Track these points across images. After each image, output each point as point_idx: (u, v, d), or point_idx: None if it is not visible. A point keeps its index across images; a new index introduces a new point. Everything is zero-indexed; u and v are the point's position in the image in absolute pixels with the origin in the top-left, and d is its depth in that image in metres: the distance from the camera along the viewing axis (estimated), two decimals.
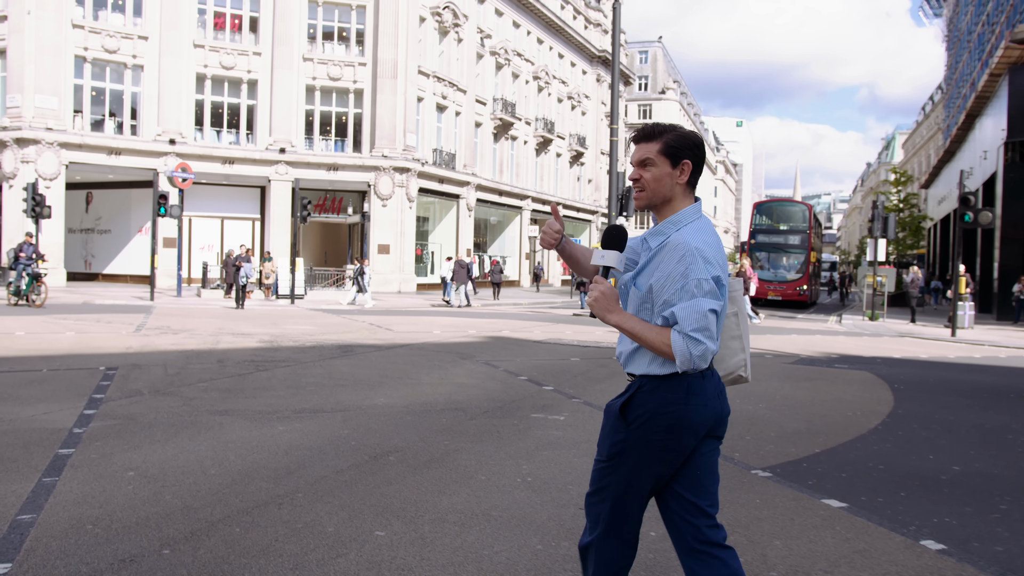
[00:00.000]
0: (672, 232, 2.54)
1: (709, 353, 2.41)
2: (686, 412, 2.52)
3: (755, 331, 18.08)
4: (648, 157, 2.58)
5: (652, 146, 2.59)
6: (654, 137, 2.60)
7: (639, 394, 2.55)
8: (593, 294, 2.52)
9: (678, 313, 2.39)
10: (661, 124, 2.67)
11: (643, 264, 2.58)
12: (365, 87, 35.90)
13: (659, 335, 2.44)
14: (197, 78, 33.35)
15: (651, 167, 2.58)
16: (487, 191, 44.07)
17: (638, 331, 2.48)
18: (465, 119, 42.08)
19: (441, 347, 11.63)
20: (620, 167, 34.01)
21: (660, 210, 2.63)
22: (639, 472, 2.57)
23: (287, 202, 34.39)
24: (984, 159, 32.33)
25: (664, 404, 2.52)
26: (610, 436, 2.60)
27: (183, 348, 10.51)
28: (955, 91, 55.39)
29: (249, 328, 14.06)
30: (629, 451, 2.55)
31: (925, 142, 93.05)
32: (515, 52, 47.38)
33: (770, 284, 31.13)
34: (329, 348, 11.01)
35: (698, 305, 2.38)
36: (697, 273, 2.41)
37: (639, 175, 2.60)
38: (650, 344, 2.45)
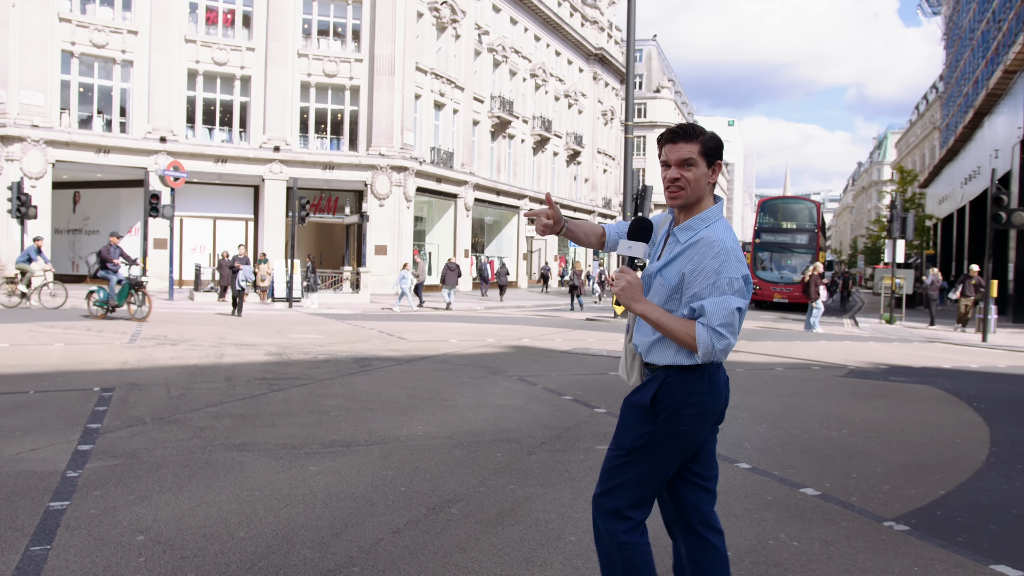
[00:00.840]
0: (702, 228, 2.62)
1: (730, 348, 2.52)
2: (709, 401, 2.63)
3: (784, 337, 17.25)
4: (691, 157, 2.63)
5: (693, 147, 2.64)
6: (694, 138, 2.65)
7: (665, 385, 2.61)
8: (620, 283, 2.61)
9: (708, 307, 2.48)
10: (696, 126, 2.71)
11: (672, 257, 2.63)
12: (361, 84, 34.95)
13: (684, 326, 2.52)
14: (188, 74, 32.31)
15: (692, 167, 2.64)
16: (485, 190, 43.18)
17: (664, 321, 2.55)
18: (463, 117, 41.17)
19: (465, 360, 10.72)
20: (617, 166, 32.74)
21: (689, 208, 2.69)
22: (664, 462, 2.63)
23: (282, 202, 33.46)
24: (995, 157, 31.63)
25: (691, 394, 2.60)
26: (634, 429, 2.65)
27: (184, 363, 9.56)
28: (955, 89, 54.85)
29: (252, 337, 13.12)
30: (656, 442, 2.61)
31: (920, 141, 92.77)
32: (512, 49, 46.51)
33: (776, 286, 30.30)
34: (344, 362, 10.08)
35: (728, 302, 2.49)
36: (729, 271, 2.51)
37: (680, 174, 2.65)
38: (674, 334, 2.53)
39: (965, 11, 50.39)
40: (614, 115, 65.70)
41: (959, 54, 53.21)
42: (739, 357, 12.44)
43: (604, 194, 63.28)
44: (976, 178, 37.06)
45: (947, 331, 20.93)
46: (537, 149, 50.86)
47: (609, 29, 62.38)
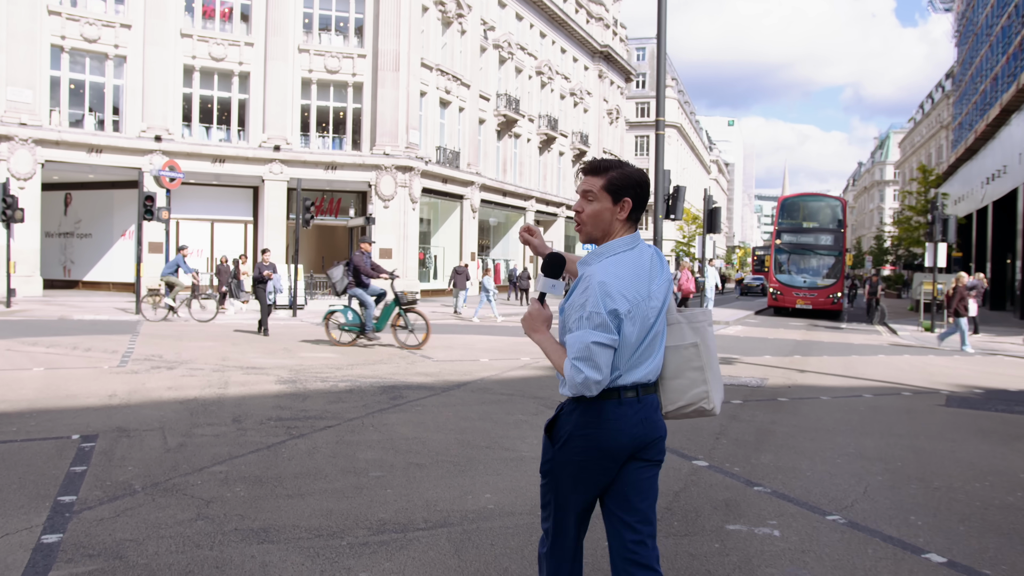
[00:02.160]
0: (593, 262, 2.63)
1: (591, 382, 2.45)
2: (599, 436, 2.58)
3: (837, 351, 15.82)
4: (590, 191, 2.64)
5: (596, 181, 2.64)
6: (599, 172, 2.65)
7: (561, 415, 2.67)
8: (525, 314, 2.68)
9: (568, 340, 2.53)
10: (608, 160, 2.69)
11: (571, 291, 2.65)
12: (365, 80, 33.53)
13: (560, 358, 2.57)
14: (185, 70, 30.86)
15: (593, 201, 2.64)
16: (491, 191, 41.79)
17: (548, 351, 2.63)
18: (468, 115, 39.77)
19: (508, 387, 9.28)
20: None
21: (599, 242, 2.68)
22: (566, 491, 2.65)
23: (282, 203, 32.04)
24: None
25: (579, 427, 2.59)
26: (543, 454, 2.73)
27: (183, 395, 8.11)
28: (969, 86, 53.56)
29: (258, 357, 11.68)
30: (556, 471, 2.65)
31: (926, 140, 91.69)
32: (519, 46, 45.13)
33: (798, 291, 28.88)
34: (370, 392, 8.62)
35: (584, 336, 2.46)
36: (592, 306, 2.48)
37: (581, 207, 2.68)
38: (556, 366, 2.60)
39: (981, 7, 49.10)
40: (619, 114, 64.36)
41: (974, 51, 51.92)
42: (813, 379, 11.06)
43: None
44: (1001, 177, 35.75)
45: (1000, 340, 19.58)
46: (543, 149, 49.47)
47: (615, 26, 61.04)
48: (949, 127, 78.96)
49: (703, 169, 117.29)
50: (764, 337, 19.03)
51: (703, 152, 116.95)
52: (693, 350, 2.72)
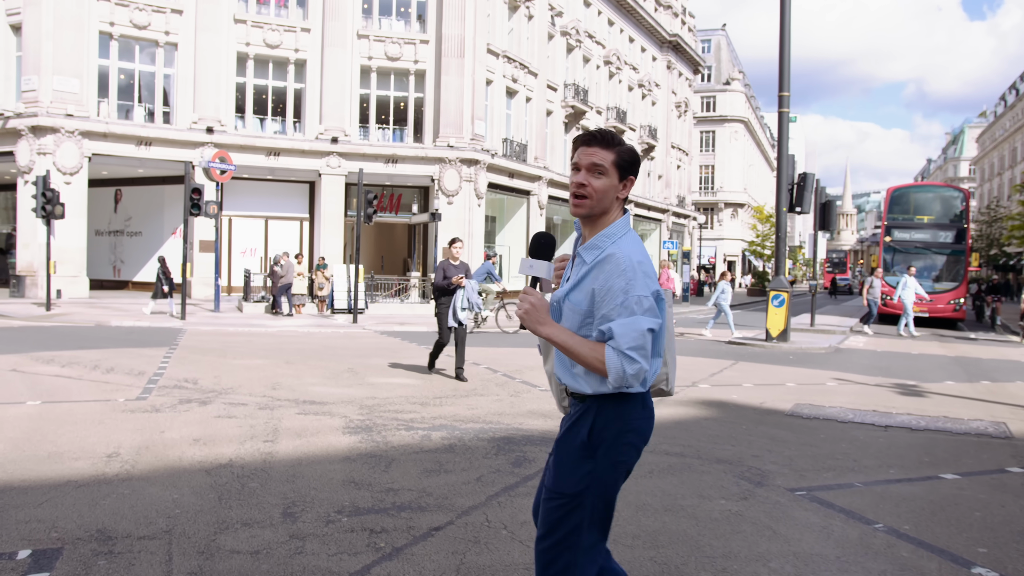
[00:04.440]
0: (608, 246, 2.46)
1: (642, 373, 2.34)
2: (645, 428, 2.50)
3: (998, 372, 12.87)
4: (602, 165, 2.48)
5: (607, 154, 2.49)
6: (611, 145, 2.50)
7: (600, 416, 2.45)
8: (524, 306, 2.44)
9: (616, 329, 2.33)
10: (614, 134, 2.52)
11: (579, 279, 2.46)
12: (428, 68, 31.23)
13: (593, 350, 2.36)
14: (238, 58, 28.93)
15: (602, 176, 2.49)
16: (558, 187, 39.18)
17: (571, 345, 2.38)
18: (535, 106, 37.25)
19: (663, 437, 6.71)
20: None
21: (594, 221, 2.53)
22: (609, 497, 2.47)
23: (339, 199, 29.93)
24: None
25: (629, 421, 2.46)
26: (573, 470, 2.44)
27: (213, 456, 5.61)
28: None
29: (317, 382, 9.27)
30: (599, 479, 2.43)
31: (1010, 133, 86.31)
32: (586, 33, 42.46)
33: None
34: (477, 448, 6.04)
35: (637, 323, 2.32)
36: (638, 289, 2.36)
37: (587, 180, 2.48)
38: (583, 359, 2.37)
39: None
40: (687, 107, 61.26)
41: None
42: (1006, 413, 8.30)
43: (678, 191, 58.86)
44: None
45: None
46: None
47: (683, 15, 57.96)
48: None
49: (768, 167, 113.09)
50: (905, 352, 16.14)
51: (768, 149, 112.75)
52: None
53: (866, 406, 8.84)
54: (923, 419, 8.08)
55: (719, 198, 76.15)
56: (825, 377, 11.34)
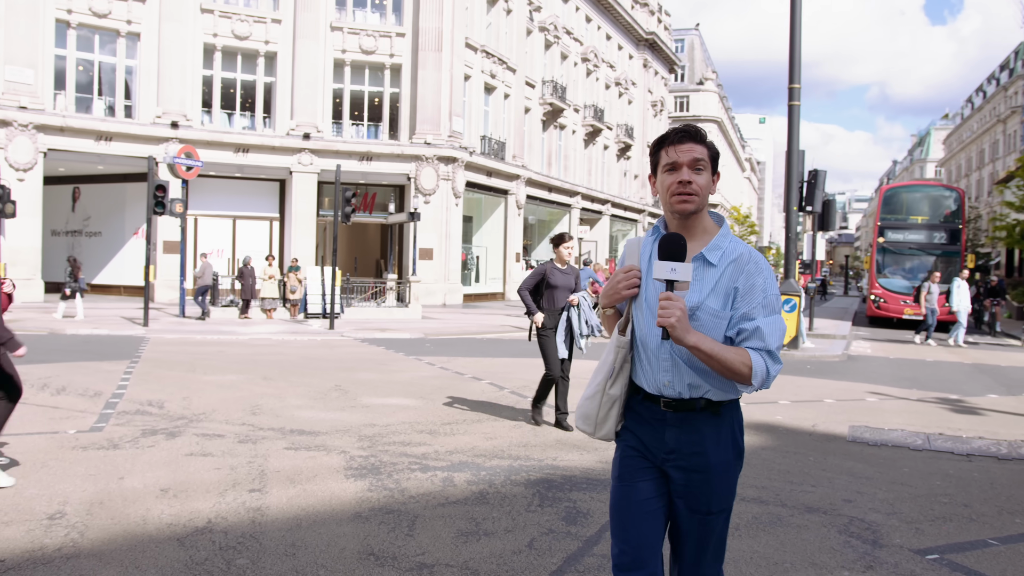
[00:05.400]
0: (727, 244, 2.40)
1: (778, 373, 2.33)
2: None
3: None
4: (702, 159, 2.39)
5: (703, 149, 2.41)
6: (703, 140, 2.42)
7: (737, 421, 2.43)
8: (674, 312, 2.23)
9: (764, 328, 2.28)
10: (700, 128, 2.45)
11: (713, 283, 2.35)
12: (404, 62, 30.03)
13: (738, 355, 2.27)
14: (205, 50, 27.49)
15: (703, 171, 2.40)
16: (536, 186, 38.19)
17: (717, 352, 2.26)
18: (514, 103, 36.19)
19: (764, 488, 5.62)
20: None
21: (692, 220, 2.42)
22: None
23: (312, 198, 28.63)
24: None
25: (742, 424, 2.47)
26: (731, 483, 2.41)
27: (187, 515, 4.37)
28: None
29: (306, 406, 8.06)
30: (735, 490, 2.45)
31: (977, 136, 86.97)
32: (564, 30, 41.52)
33: (906, 298, 24.85)
34: (512, 496, 4.96)
35: (779, 322, 2.31)
36: (774, 288, 2.34)
37: (692, 178, 2.37)
38: (728, 364, 2.26)
39: None
40: (663, 107, 60.62)
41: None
42: None
43: None
44: None
45: None
46: (588, 141, 45.82)
47: (659, 12, 57.25)
48: (1007, 120, 74.46)
49: (739, 167, 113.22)
50: (920, 359, 15.29)
51: (739, 149, 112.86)
52: None
53: (924, 427, 7.88)
54: (1002, 444, 7.13)
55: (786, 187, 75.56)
56: (859, 391, 10.38)
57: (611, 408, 2.50)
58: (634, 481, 2.44)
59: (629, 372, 2.48)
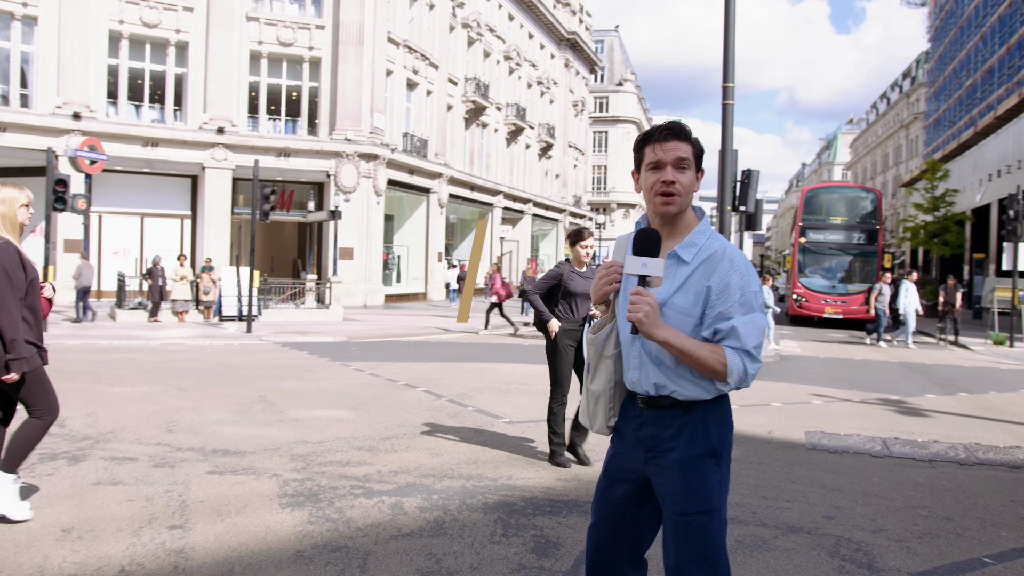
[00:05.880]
0: (704, 242, 2.36)
1: (758, 371, 2.28)
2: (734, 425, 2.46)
3: (989, 383, 12.14)
4: (686, 157, 2.36)
5: (688, 147, 2.38)
6: (688, 137, 2.39)
7: (715, 421, 2.36)
8: (642, 308, 2.22)
9: (739, 327, 2.23)
10: (685, 124, 2.44)
11: (683, 280, 2.32)
12: (324, 55, 29.07)
13: (713, 352, 2.24)
14: (110, 37, 25.96)
15: (687, 170, 2.37)
16: (458, 185, 37.64)
17: (689, 348, 2.24)
18: (437, 99, 35.54)
19: None
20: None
21: (675, 219, 2.39)
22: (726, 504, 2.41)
23: (226, 195, 27.43)
24: None
25: (731, 422, 2.42)
26: (707, 481, 2.32)
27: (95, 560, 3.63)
28: (951, 81, 51.48)
29: (228, 420, 7.34)
30: (726, 488, 2.39)
31: (882, 140, 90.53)
32: (487, 27, 41.10)
33: (827, 297, 25.40)
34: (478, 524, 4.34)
35: (757, 320, 2.26)
36: (753, 285, 2.28)
37: (675, 177, 2.34)
38: (702, 362, 2.23)
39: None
40: (584, 107, 60.88)
41: (957, 44, 49.80)
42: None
43: (574, 191, 58.32)
44: (1014, 172, 33.08)
45: None
46: (511, 140, 45.50)
47: (581, 13, 57.42)
48: (910, 126, 77.68)
49: None
50: (848, 358, 15.42)
51: None
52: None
53: (878, 431, 7.71)
54: (958, 448, 6.98)
55: (612, 198, 76.28)
56: (803, 393, 10.24)
57: (596, 404, 2.52)
58: (612, 481, 2.47)
59: (612, 368, 2.48)
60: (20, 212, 4.21)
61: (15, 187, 4.26)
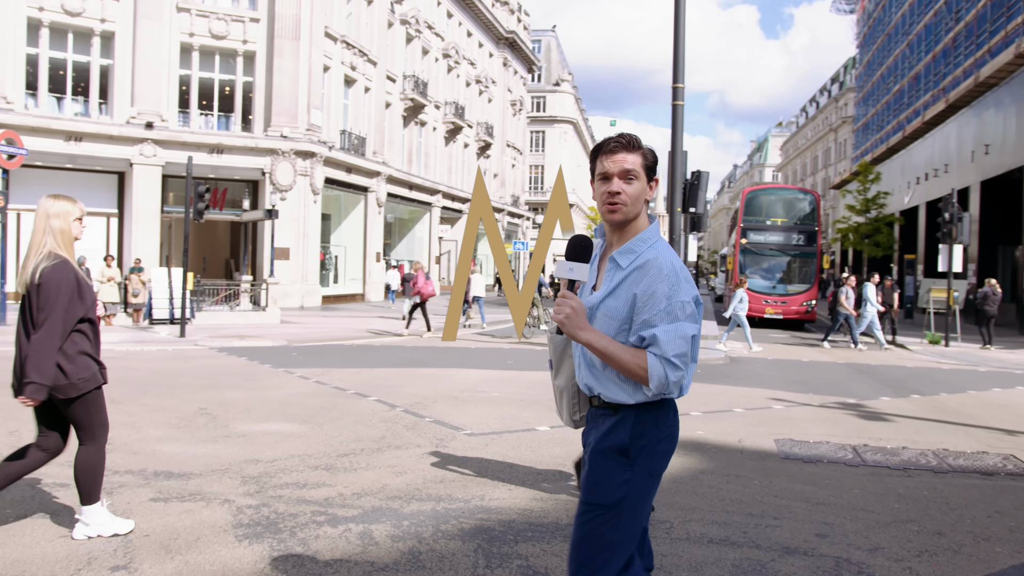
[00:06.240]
0: (644, 250, 2.42)
1: (683, 380, 2.33)
2: (677, 434, 2.48)
3: (938, 385, 12.26)
4: (633, 169, 2.45)
5: (636, 159, 2.46)
6: (637, 149, 2.47)
7: (639, 424, 2.40)
8: (564, 310, 2.33)
9: (660, 336, 2.28)
10: (636, 136, 2.50)
11: (615, 285, 2.41)
12: (259, 49, 28.19)
13: (634, 356, 2.31)
14: (29, 25, 24.64)
15: (634, 181, 2.45)
16: (397, 184, 37.05)
17: (611, 351, 2.32)
18: (375, 97, 34.89)
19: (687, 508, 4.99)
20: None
21: (624, 227, 2.47)
22: (643, 510, 2.40)
23: (155, 192, 26.37)
24: (986, 154, 28.43)
25: (664, 428, 2.43)
26: (611, 479, 2.37)
27: None
28: (879, 86, 52.94)
29: (169, 438, 6.68)
30: (636, 489, 2.37)
31: (812, 143, 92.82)
32: (426, 24, 40.55)
33: (767, 298, 25.70)
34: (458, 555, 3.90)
35: (681, 330, 2.29)
36: (681, 295, 2.31)
37: (621, 188, 2.44)
38: (623, 366, 2.31)
39: (896, 6, 48.25)
40: (522, 106, 60.73)
41: (885, 51, 51.21)
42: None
43: (512, 191, 58.14)
44: (941, 176, 34.10)
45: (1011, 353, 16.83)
46: (449, 139, 45.04)
47: (519, 12, 57.28)
48: (838, 129, 79.78)
49: None
50: (796, 360, 15.48)
51: None
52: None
53: (846, 437, 7.59)
54: (929, 455, 6.89)
55: (548, 198, 76.22)
56: (761, 397, 10.12)
57: (560, 398, 2.67)
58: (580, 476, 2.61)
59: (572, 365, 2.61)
60: (74, 226, 4.08)
61: (69, 200, 4.12)
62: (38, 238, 3.99)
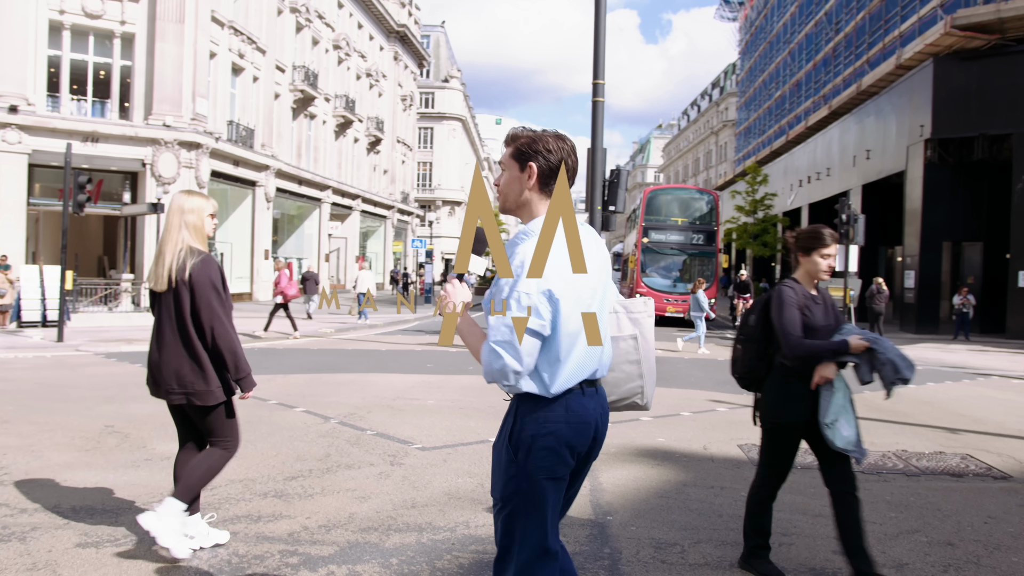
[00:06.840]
0: (522, 242, 2.35)
1: (510, 371, 2.21)
2: (567, 433, 2.31)
3: None
4: (502, 160, 2.48)
5: (506, 151, 2.49)
6: (510, 141, 2.48)
7: (519, 416, 2.33)
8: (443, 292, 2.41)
9: (491, 322, 2.28)
10: (518, 130, 2.48)
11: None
12: (138, 31, 26.36)
13: (477, 342, 2.33)
14: None
15: (505, 171, 2.47)
16: (286, 178, 35.60)
17: (464, 334, 2.37)
18: (264, 87, 33.40)
19: (687, 527, 4.62)
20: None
21: (521, 215, 2.48)
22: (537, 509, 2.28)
23: (21, 183, 24.30)
24: (867, 159, 29.78)
25: (545, 424, 2.29)
26: (503, 472, 2.33)
27: None
28: (761, 91, 54.92)
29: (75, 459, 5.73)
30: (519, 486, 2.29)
31: (693, 146, 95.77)
32: (316, 13, 39.20)
33: (669, 296, 25.97)
34: None
35: (503, 319, 2.23)
36: (521, 286, 2.24)
37: (498, 181, 2.50)
38: (472, 350, 2.35)
39: (777, 16, 50.16)
40: (412, 101, 59.81)
41: (766, 58, 53.18)
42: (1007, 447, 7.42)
43: (402, 187, 57.12)
44: (823, 179, 35.58)
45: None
46: (339, 133, 43.75)
47: (410, 5, 56.30)
48: (719, 132, 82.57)
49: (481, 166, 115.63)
50: (711, 360, 15.54)
51: (480, 149, 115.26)
52: (632, 342, 2.58)
53: None
54: (891, 457, 6.80)
55: (437, 196, 75.69)
56: (700, 399, 9.95)
57: None
58: None
59: None
60: (207, 222, 4.03)
61: (202, 196, 4.06)
62: (173, 235, 3.90)
